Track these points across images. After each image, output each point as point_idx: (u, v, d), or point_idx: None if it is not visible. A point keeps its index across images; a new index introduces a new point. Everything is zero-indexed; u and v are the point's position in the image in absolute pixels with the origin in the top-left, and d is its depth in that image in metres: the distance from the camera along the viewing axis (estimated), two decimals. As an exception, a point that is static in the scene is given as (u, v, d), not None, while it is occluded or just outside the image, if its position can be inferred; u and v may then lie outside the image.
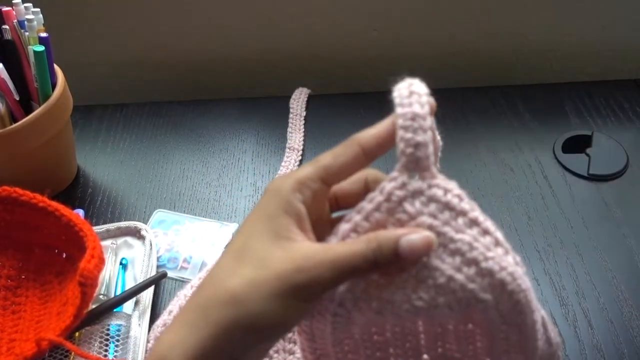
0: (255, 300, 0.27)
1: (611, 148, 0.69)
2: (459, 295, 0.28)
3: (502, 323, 0.30)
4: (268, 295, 0.27)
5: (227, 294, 0.27)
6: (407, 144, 0.28)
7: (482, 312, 0.29)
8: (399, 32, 0.81)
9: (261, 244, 0.28)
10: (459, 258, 0.28)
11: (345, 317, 0.29)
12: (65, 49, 0.66)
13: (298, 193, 0.29)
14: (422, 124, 0.28)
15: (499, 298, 0.28)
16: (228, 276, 0.28)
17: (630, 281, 0.56)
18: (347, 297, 0.29)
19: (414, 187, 0.28)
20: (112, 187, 0.67)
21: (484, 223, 0.29)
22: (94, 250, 0.47)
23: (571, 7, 0.79)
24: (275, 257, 0.27)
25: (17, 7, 0.56)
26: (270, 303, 0.27)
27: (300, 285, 0.27)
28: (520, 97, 0.77)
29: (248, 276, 0.27)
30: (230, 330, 0.27)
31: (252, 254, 0.28)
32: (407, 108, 0.28)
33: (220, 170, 0.69)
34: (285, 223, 0.28)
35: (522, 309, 0.29)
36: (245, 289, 0.27)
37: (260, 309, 0.27)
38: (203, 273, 0.49)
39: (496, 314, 0.29)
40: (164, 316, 0.47)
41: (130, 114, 0.77)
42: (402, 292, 0.28)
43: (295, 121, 0.74)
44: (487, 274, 0.28)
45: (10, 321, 0.51)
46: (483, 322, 0.30)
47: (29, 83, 0.58)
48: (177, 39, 0.81)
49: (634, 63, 0.86)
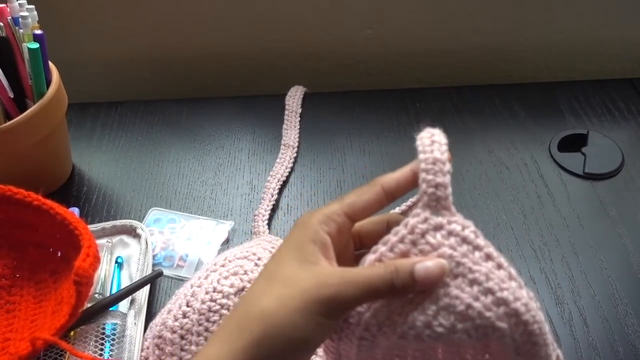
0: (282, 314, 0.29)
1: (606, 147, 0.69)
2: (476, 322, 0.30)
3: (517, 354, 0.31)
4: (294, 310, 0.29)
5: (258, 311, 0.30)
6: (429, 184, 0.31)
7: (498, 340, 0.30)
8: (394, 30, 0.81)
9: (289, 267, 0.31)
10: (476, 287, 0.30)
11: (370, 340, 0.31)
12: (60, 46, 0.66)
13: (324, 225, 0.32)
14: (442, 168, 0.31)
15: (514, 327, 0.30)
16: (259, 296, 0.31)
17: (625, 279, 0.56)
18: (372, 322, 0.31)
19: (435, 222, 0.31)
20: (107, 185, 0.66)
21: (498, 258, 0.31)
22: (89, 249, 0.46)
23: (567, 6, 0.79)
24: (301, 277, 0.30)
25: (11, 4, 0.55)
26: (296, 317, 0.29)
27: (323, 301, 0.29)
28: (516, 96, 0.77)
29: (276, 294, 0.30)
30: (260, 343, 0.29)
31: (280, 276, 0.31)
32: (429, 154, 0.32)
33: (216, 168, 0.68)
34: (311, 249, 0.31)
35: (536, 340, 0.31)
36: (273, 304, 0.30)
37: (287, 323, 0.29)
38: (200, 271, 0.49)
39: (511, 343, 0.30)
40: (163, 315, 0.47)
41: (126, 112, 0.76)
42: (424, 318, 0.30)
43: (291, 118, 0.74)
44: (503, 303, 0.30)
45: (5, 320, 0.51)
46: (500, 352, 0.31)
47: (23, 80, 0.58)
48: (173, 37, 0.80)
49: (629, 62, 0.86)
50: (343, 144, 0.71)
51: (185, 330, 0.45)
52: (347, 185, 0.66)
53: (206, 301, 0.45)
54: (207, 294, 0.45)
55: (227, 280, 0.45)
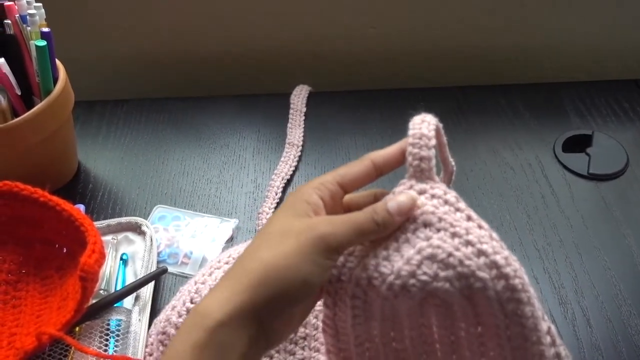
0: (280, 258, 0.32)
1: (611, 148, 0.69)
2: (458, 270, 0.32)
3: (504, 316, 0.32)
4: (290, 253, 0.32)
5: (257, 261, 0.32)
6: (414, 157, 0.34)
7: (482, 294, 0.32)
8: (397, 30, 0.81)
9: (283, 221, 0.34)
10: (457, 239, 0.33)
11: (362, 299, 0.34)
12: (67, 44, 0.66)
13: (317, 190, 0.35)
14: (427, 143, 0.34)
15: (496, 280, 0.32)
16: (256, 249, 0.33)
17: (629, 280, 0.56)
18: (362, 276, 0.33)
19: (420, 187, 0.35)
20: (113, 182, 0.67)
21: (478, 220, 0.34)
22: (94, 245, 0.47)
23: (572, 6, 0.79)
24: (295, 225, 0.33)
25: (19, 2, 0.56)
26: (293, 259, 0.32)
27: (316, 240, 0.32)
28: (520, 96, 0.77)
29: (273, 244, 0.33)
30: (260, 283, 0.31)
31: (276, 230, 0.33)
32: (417, 130, 0.35)
33: (221, 166, 0.69)
34: (304, 207, 0.34)
35: (520, 297, 0.32)
36: (271, 252, 0.32)
37: (285, 265, 0.31)
38: (204, 268, 0.49)
39: (495, 298, 0.32)
40: (167, 311, 0.47)
41: (131, 110, 0.77)
42: (409, 267, 0.32)
43: (296, 117, 0.74)
44: (483, 254, 0.32)
45: (11, 315, 0.51)
46: (489, 320, 0.33)
47: (30, 78, 0.59)
48: (178, 36, 0.81)
49: (634, 63, 0.86)
50: (347, 143, 0.71)
51: None
52: (351, 184, 0.66)
53: None
54: None
55: None
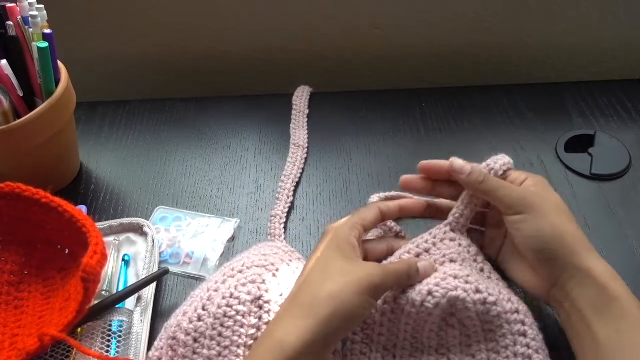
0: (345, 296, 0.39)
1: (614, 148, 0.69)
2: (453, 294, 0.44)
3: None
4: (354, 292, 0.40)
5: (327, 294, 0.39)
6: (457, 211, 0.50)
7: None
8: (401, 30, 0.81)
9: (339, 262, 0.42)
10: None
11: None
12: (69, 45, 0.66)
13: (353, 231, 0.45)
14: (474, 207, 0.50)
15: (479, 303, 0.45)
16: (322, 283, 0.40)
17: (632, 281, 0.55)
18: (386, 309, 0.46)
19: (450, 235, 0.49)
20: (115, 183, 0.67)
21: (489, 273, 0.49)
22: (96, 246, 0.47)
23: (574, 6, 0.79)
24: (354, 269, 0.42)
25: (21, 4, 0.56)
26: (356, 298, 0.40)
27: (372, 286, 0.41)
28: (522, 96, 0.77)
29: (339, 281, 0.40)
30: (331, 320, 0.38)
31: (336, 269, 0.42)
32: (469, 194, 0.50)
33: (223, 167, 0.69)
34: (349, 250, 0.44)
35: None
36: (338, 288, 0.40)
37: (351, 303, 0.39)
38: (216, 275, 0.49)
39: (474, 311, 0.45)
40: (178, 317, 0.46)
41: (133, 111, 0.77)
42: (420, 298, 0.44)
43: (299, 118, 0.74)
44: (478, 292, 0.45)
45: (13, 316, 0.51)
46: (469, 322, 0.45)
47: (32, 79, 0.59)
48: (180, 36, 0.81)
49: (637, 63, 0.86)
50: (349, 143, 0.71)
51: (199, 333, 0.44)
52: (353, 185, 0.66)
53: (222, 306, 0.44)
54: (224, 299, 0.45)
55: (245, 288, 0.45)
